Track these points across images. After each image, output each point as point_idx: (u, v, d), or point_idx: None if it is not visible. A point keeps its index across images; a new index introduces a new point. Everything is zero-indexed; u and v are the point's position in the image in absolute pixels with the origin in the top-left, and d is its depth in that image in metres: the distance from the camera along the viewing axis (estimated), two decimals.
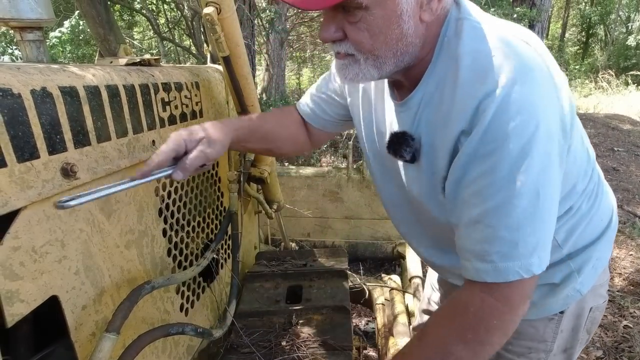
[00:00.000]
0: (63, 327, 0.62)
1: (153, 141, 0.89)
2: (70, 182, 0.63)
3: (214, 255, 1.12)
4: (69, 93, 0.65)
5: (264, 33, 5.32)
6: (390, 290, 1.77)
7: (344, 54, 0.64)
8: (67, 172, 0.63)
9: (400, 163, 0.74)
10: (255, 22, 5.18)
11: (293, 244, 2.26)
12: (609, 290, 2.34)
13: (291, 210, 2.34)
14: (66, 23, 3.13)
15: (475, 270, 0.61)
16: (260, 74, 7.43)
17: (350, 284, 1.85)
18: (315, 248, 2.50)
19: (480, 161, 0.58)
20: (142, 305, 0.83)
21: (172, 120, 0.98)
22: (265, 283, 1.37)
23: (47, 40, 3.19)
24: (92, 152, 0.69)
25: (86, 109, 0.68)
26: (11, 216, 0.54)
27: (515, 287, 0.60)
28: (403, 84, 0.71)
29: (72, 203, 0.50)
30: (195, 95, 1.11)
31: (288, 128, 0.94)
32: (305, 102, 0.96)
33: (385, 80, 0.75)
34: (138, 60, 1.28)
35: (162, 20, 5.10)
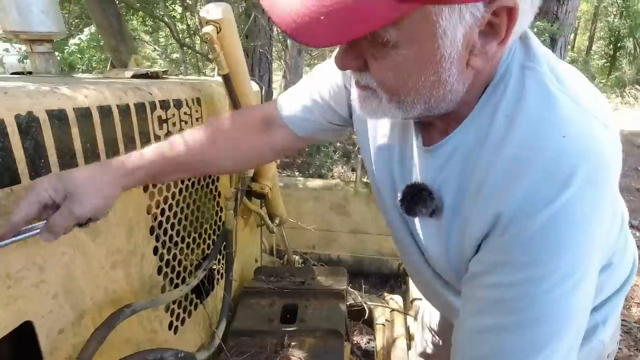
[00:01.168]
0: (37, 352, 0.62)
1: None
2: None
3: (207, 273, 1.11)
4: (57, 116, 0.65)
5: (282, 41, 5.36)
6: (391, 311, 1.73)
7: (364, 85, 0.52)
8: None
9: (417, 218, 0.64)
10: (275, 29, 5.24)
11: (297, 257, 2.24)
12: (624, 320, 2.23)
13: (297, 221, 2.33)
14: (86, 30, 3.23)
15: None
16: (278, 79, 7.48)
17: (351, 301, 1.83)
18: (320, 261, 2.48)
19: (511, 269, 0.48)
20: (127, 325, 0.82)
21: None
22: (261, 300, 1.35)
23: (67, 47, 3.29)
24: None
25: (75, 131, 0.68)
26: None
27: None
28: (435, 124, 0.59)
29: None
30: (196, 111, 1.11)
31: (235, 144, 0.78)
32: (288, 104, 0.79)
33: None
34: (144, 72, 1.29)
35: (184, 27, 5.20)
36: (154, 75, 1.32)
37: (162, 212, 0.97)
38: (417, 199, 0.58)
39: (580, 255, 0.46)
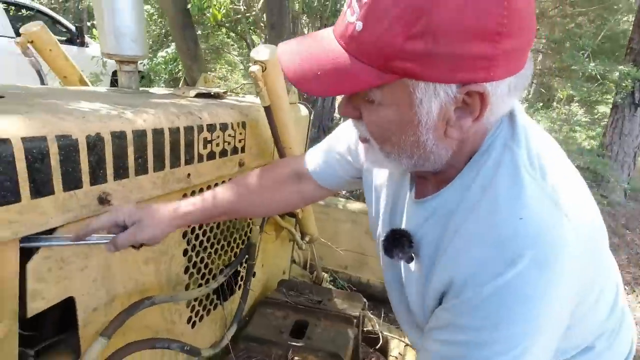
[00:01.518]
0: (70, 322, 0.77)
1: (188, 174, 1.04)
2: (104, 208, 0.79)
3: (229, 278, 1.24)
4: (118, 137, 0.81)
5: None
6: (405, 346, 1.73)
7: (364, 138, 0.59)
8: (103, 199, 0.78)
9: (402, 262, 0.69)
10: None
11: (326, 275, 2.31)
12: None
13: (331, 240, 2.40)
14: (172, 45, 3.67)
15: None
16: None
17: (370, 327, 1.85)
18: (350, 282, 2.53)
19: (458, 330, 0.53)
20: (149, 314, 0.97)
21: (211, 156, 1.12)
22: (276, 311, 1.45)
23: (155, 59, 3.76)
24: (129, 184, 0.85)
25: (130, 149, 0.84)
26: (49, 233, 0.70)
27: None
28: (429, 180, 0.64)
29: (32, 244, 0.66)
30: (240, 133, 1.25)
31: (269, 193, 0.91)
32: (313, 159, 0.90)
33: None
34: (206, 92, 1.48)
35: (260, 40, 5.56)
36: (216, 95, 1.50)
37: (193, 229, 1.11)
38: (397, 243, 0.63)
39: (524, 329, 0.49)
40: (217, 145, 1.15)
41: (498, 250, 0.49)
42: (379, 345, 1.69)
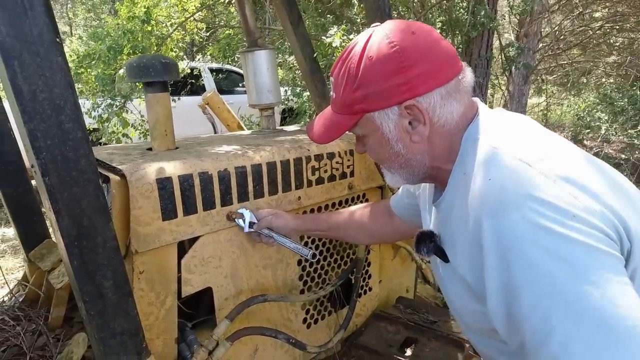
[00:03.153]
0: (212, 308, 1.06)
1: (299, 197, 1.27)
2: (230, 223, 1.08)
3: (339, 289, 1.40)
4: (240, 170, 1.09)
5: (504, 67, 5.09)
6: None
7: (376, 165, 0.83)
8: (229, 217, 1.07)
9: (438, 260, 0.79)
10: (496, 60, 5.04)
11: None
12: None
13: None
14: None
15: None
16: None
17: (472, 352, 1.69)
18: None
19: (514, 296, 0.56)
20: (269, 308, 1.21)
21: (319, 181, 1.33)
22: (389, 325, 1.52)
23: (301, 98, 4.36)
24: (249, 205, 1.12)
25: (250, 179, 1.12)
26: (195, 239, 1.01)
27: None
28: (438, 186, 0.81)
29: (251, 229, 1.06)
30: (348, 160, 1.43)
31: (367, 221, 1.13)
32: (396, 197, 1.10)
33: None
34: None
35: None
36: None
37: (312, 239, 1.33)
38: (420, 240, 0.78)
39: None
40: (325, 171, 1.35)
41: (481, 209, 0.60)
42: None
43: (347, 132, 0.78)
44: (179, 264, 0.99)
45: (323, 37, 2.02)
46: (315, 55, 1.91)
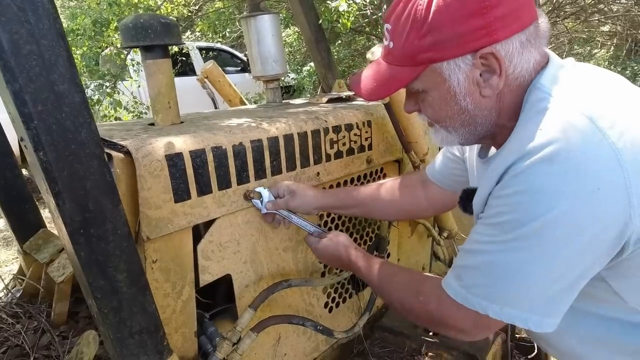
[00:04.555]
0: (229, 296, 0.97)
1: (318, 172, 1.16)
2: (247, 203, 0.97)
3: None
4: (256, 144, 0.98)
5: None
6: None
7: (429, 123, 0.76)
8: (247, 196, 0.96)
9: None
10: None
11: None
12: None
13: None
14: None
15: (448, 283, 0.67)
16: None
17: (525, 334, 1.65)
18: None
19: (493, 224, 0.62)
20: (290, 294, 1.12)
21: (338, 155, 1.22)
22: None
23: (301, 73, 4.18)
24: (266, 182, 1.01)
25: (267, 154, 1.00)
26: (210, 222, 0.91)
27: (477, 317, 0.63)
28: (493, 144, 0.77)
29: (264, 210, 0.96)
30: (366, 132, 1.32)
31: (398, 195, 1.05)
32: (431, 165, 1.04)
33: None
34: (337, 97, 1.60)
35: None
36: (346, 99, 1.62)
37: (329, 214, 1.23)
38: (466, 197, 0.75)
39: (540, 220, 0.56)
40: (344, 144, 1.24)
41: (518, 153, 0.58)
42: (533, 355, 1.49)
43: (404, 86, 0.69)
44: (194, 251, 0.89)
45: (328, 1, 1.88)
46: (320, 21, 1.77)
